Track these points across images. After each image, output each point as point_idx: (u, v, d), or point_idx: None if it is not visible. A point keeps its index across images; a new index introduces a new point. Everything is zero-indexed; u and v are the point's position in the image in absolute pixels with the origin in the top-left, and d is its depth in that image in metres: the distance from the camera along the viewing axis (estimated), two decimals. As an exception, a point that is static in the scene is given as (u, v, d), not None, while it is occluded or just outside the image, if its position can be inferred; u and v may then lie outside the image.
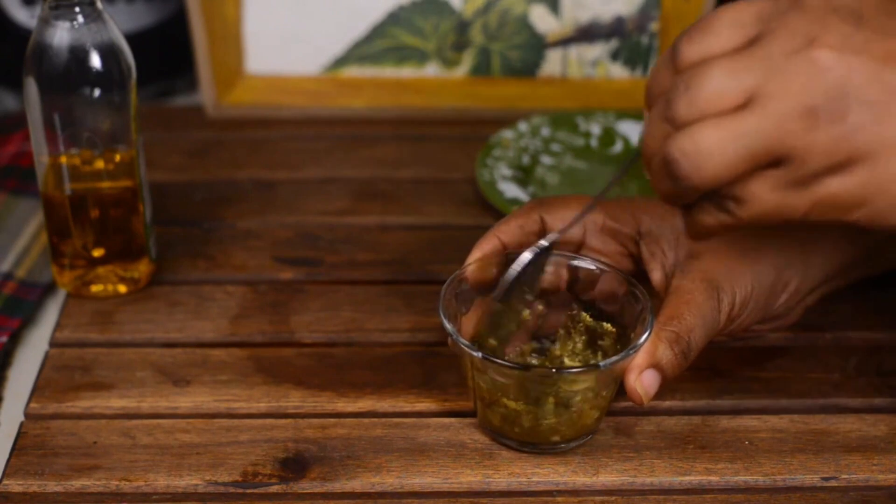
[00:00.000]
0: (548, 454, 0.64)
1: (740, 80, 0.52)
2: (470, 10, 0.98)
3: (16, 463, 0.63)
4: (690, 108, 0.53)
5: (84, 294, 0.75)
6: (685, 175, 0.53)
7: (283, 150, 0.94)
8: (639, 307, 0.64)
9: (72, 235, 0.74)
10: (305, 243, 0.82)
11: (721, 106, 0.52)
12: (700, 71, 0.53)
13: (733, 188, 0.54)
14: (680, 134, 0.53)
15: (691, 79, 0.53)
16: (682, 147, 0.53)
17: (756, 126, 0.52)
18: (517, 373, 0.61)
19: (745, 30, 0.53)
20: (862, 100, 0.51)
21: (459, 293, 0.65)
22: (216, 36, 0.95)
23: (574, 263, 0.67)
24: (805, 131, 0.51)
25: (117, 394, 0.68)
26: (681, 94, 0.53)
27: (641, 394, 0.62)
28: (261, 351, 0.72)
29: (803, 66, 0.51)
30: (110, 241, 0.75)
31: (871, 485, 0.63)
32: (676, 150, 0.53)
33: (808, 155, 0.52)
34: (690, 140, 0.52)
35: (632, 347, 0.61)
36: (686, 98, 0.53)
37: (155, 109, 1.00)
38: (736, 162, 0.52)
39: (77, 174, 0.72)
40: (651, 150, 0.55)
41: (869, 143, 0.52)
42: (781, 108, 0.51)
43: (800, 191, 0.53)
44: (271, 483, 0.62)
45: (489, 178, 0.86)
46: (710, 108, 0.52)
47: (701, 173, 0.53)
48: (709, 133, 0.52)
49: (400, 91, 0.99)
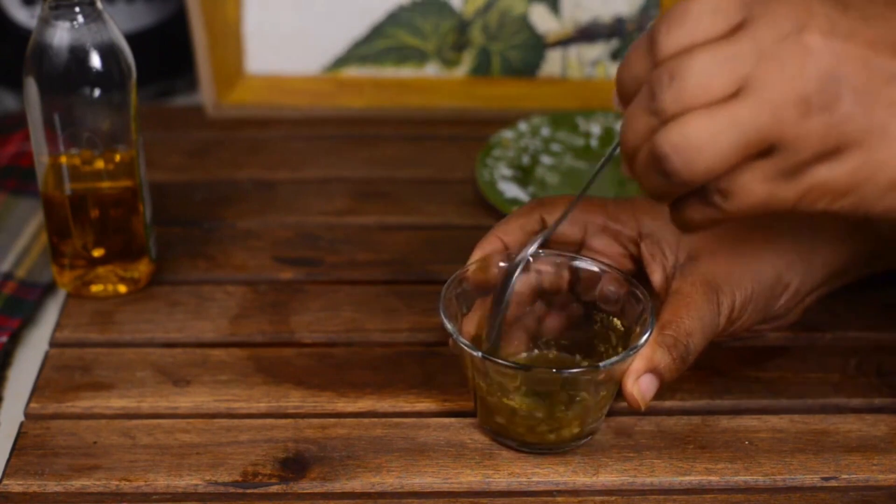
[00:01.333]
0: (548, 454, 0.64)
1: (730, 69, 0.50)
2: (470, 10, 0.98)
3: (16, 463, 0.63)
4: (677, 99, 0.51)
5: (84, 294, 0.75)
6: (676, 170, 0.51)
7: (283, 150, 0.94)
8: (639, 308, 0.64)
9: (72, 235, 0.74)
10: (305, 243, 0.82)
11: (710, 96, 0.50)
12: (685, 60, 0.51)
13: (720, 181, 0.52)
14: (668, 127, 0.51)
15: (676, 69, 0.51)
16: (671, 141, 0.51)
17: (749, 115, 0.50)
18: (518, 373, 0.61)
19: (727, 16, 0.51)
20: (851, 87, 0.51)
21: (460, 293, 0.65)
22: (216, 36, 0.95)
23: (575, 264, 0.67)
24: (798, 119, 0.50)
25: (117, 394, 0.68)
26: (665, 86, 0.51)
27: (639, 398, 0.62)
28: (261, 351, 0.72)
29: (795, 52, 0.50)
30: (110, 241, 0.75)
31: (871, 485, 0.63)
32: (666, 145, 0.51)
33: (800, 143, 0.51)
34: (680, 133, 0.51)
35: (632, 348, 0.61)
36: (672, 89, 0.51)
37: (155, 109, 1.00)
38: (729, 154, 0.51)
39: (77, 174, 0.72)
40: (633, 145, 0.53)
41: (859, 131, 0.51)
42: (775, 96, 0.50)
43: (789, 180, 0.52)
44: (271, 483, 0.62)
45: (489, 178, 0.86)
46: (699, 99, 0.50)
47: (692, 167, 0.51)
48: (699, 125, 0.50)
49: (400, 91, 0.99)
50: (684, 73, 0.50)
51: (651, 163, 0.52)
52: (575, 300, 0.67)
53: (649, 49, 0.52)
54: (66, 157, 0.72)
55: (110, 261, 0.75)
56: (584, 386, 0.61)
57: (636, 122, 0.52)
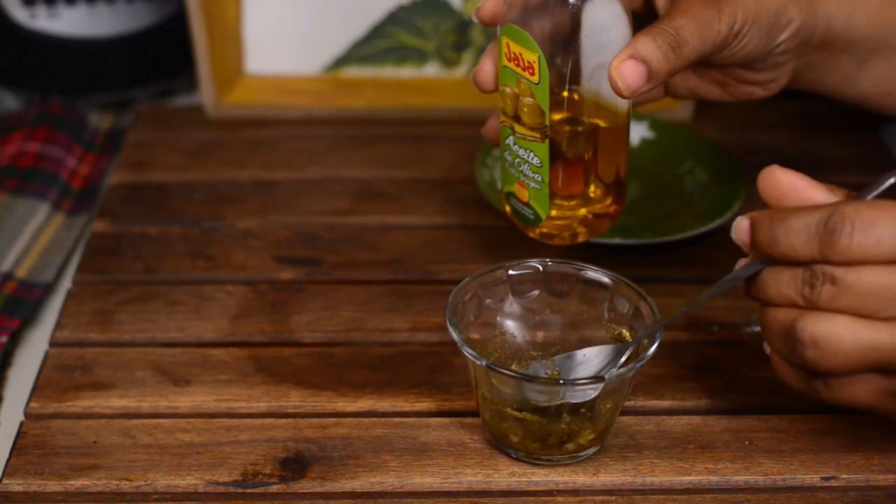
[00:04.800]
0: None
1: (890, 298, 0.54)
2: (470, 10, 0.98)
3: (16, 463, 0.63)
4: (832, 301, 0.55)
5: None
6: (808, 359, 0.56)
7: (283, 150, 0.94)
8: (648, 321, 0.63)
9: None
10: (305, 243, 0.82)
11: (864, 312, 0.54)
12: (853, 273, 0.54)
13: (835, 376, 0.56)
14: (815, 317, 0.55)
15: (842, 277, 0.54)
16: (814, 332, 0.55)
17: (888, 342, 0.54)
18: (521, 383, 0.61)
19: None
20: None
21: (467, 300, 0.65)
22: (216, 36, 0.95)
23: (586, 275, 0.67)
24: None
25: (117, 393, 0.68)
26: (827, 285, 0.55)
27: (619, 83, 0.63)
28: (261, 351, 0.72)
29: None
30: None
31: (871, 485, 0.63)
32: (807, 333, 0.55)
33: None
34: (824, 330, 0.55)
35: (639, 360, 0.61)
36: (831, 292, 0.55)
37: (155, 109, 1.00)
38: (857, 365, 0.55)
39: None
40: (768, 300, 0.57)
41: None
42: None
43: (892, 398, 0.56)
44: (271, 483, 0.62)
45: (489, 178, 0.86)
46: (852, 309, 0.55)
47: (821, 364, 0.55)
48: (844, 330, 0.55)
49: (400, 91, 0.99)
50: (849, 284, 0.55)
51: (784, 335, 0.56)
52: (584, 309, 0.67)
53: (823, 234, 0.55)
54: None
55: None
56: (589, 397, 0.61)
57: (783, 286, 0.56)
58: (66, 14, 0.98)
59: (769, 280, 0.57)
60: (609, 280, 0.66)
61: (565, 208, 0.69)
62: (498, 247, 0.76)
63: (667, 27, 0.64)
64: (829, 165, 0.90)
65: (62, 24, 0.98)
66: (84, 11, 0.98)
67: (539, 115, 0.67)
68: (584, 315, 0.67)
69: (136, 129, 0.96)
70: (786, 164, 0.58)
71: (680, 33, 0.64)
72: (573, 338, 0.67)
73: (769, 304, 0.58)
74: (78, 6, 0.97)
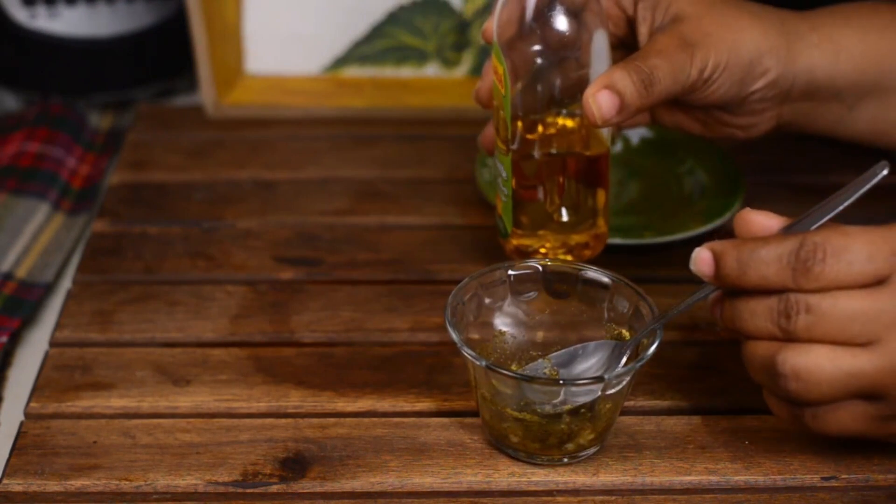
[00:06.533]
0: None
1: (864, 322, 0.55)
2: (470, 10, 0.98)
3: (16, 463, 0.63)
4: (809, 330, 0.56)
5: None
6: (787, 388, 0.57)
7: (283, 150, 0.94)
8: (647, 320, 0.63)
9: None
10: (305, 243, 0.82)
11: (841, 339, 0.55)
12: (828, 300, 0.55)
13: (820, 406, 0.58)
14: (793, 349, 0.56)
15: (816, 305, 0.55)
16: (793, 364, 0.56)
17: (870, 368, 0.55)
18: (521, 383, 0.61)
19: (877, 267, 0.55)
20: None
21: (467, 301, 0.65)
22: (216, 36, 0.95)
23: (586, 275, 0.67)
24: None
25: (117, 393, 0.68)
26: (802, 314, 0.55)
27: (594, 110, 0.65)
28: (261, 351, 0.72)
29: None
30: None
31: (871, 485, 0.63)
32: (787, 366, 0.56)
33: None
34: (803, 361, 0.56)
35: (639, 360, 0.61)
36: (807, 320, 0.55)
37: (155, 109, 1.00)
38: (838, 394, 0.56)
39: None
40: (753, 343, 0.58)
41: None
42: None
43: (883, 423, 0.58)
44: (271, 483, 0.62)
45: (489, 178, 0.86)
46: (829, 337, 0.55)
47: (802, 394, 0.56)
48: (822, 360, 0.55)
49: (400, 91, 0.99)
50: (824, 311, 0.55)
51: (766, 369, 0.57)
52: (584, 309, 0.67)
53: (795, 264, 0.56)
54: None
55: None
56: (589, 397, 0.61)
57: (761, 321, 0.57)
58: (66, 14, 0.98)
59: (745, 314, 0.57)
60: (609, 280, 0.66)
61: (527, 227, 0.70)
62: (498, 247, 0.76)
63: (642, 64, 0.66)
64: (829, 165, 0.90)
65: (62, 24, 0.98)
66: (84, 11, 0.98)
67: (505, 128, 0.68)
68: (584, 315, 0.67)
69: (136, 129, 0.96)
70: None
71: (654, 72, 0.66)
72: (573, 338, 0.67)
73: (748, 337, 0.58)
74: (78, 6, 0.98)
